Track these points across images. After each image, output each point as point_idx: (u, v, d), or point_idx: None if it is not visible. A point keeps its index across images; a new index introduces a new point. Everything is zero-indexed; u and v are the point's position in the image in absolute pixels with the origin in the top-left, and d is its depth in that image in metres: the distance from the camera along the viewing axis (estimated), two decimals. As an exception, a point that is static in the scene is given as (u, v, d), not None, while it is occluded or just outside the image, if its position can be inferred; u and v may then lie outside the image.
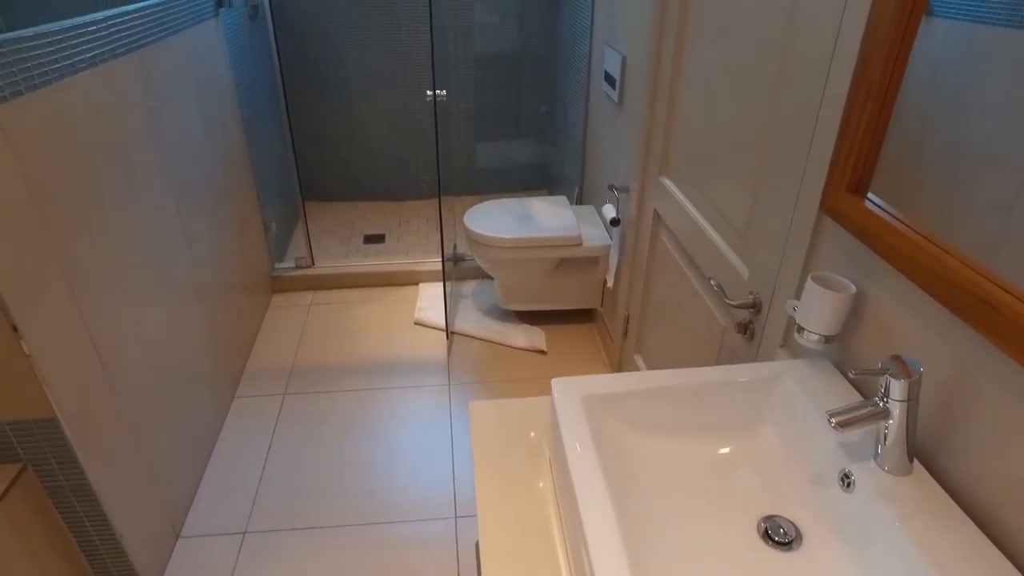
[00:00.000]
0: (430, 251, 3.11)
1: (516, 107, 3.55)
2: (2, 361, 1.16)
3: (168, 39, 1.83)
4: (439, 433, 2.09)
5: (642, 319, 2.03)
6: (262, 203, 2.69)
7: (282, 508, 1.83)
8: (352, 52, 3.29)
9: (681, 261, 1.66)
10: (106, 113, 1.47)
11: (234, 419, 2.15)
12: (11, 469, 1.27)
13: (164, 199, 1.76)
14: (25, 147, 1.17)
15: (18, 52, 1.16)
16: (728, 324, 1.37)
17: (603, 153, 2.41)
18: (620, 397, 0.88)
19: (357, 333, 2.57)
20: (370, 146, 3.55)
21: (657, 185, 1.79)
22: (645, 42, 1.78)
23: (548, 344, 2.50)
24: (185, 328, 1.86)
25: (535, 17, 3.31)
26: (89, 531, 1.43)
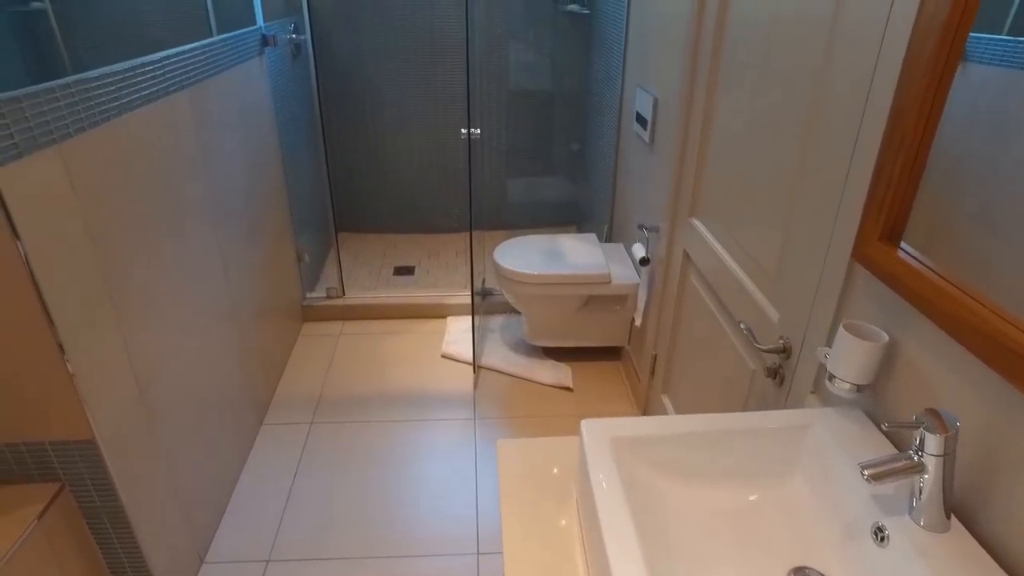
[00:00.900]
0: (459, 284, 3.14)
1: (547, 145, 3.61)
2: (47, 381, 1.20)
3: (217, 76, 1.91)
4: (464, 467, 2.08)
5: (670, 359, 2.03)
6: (296, 233, 2.76)
7: (306, 537, 1.83)
8: (388, 89, 3.38)
9: (710, 302, 1.66)
10: (157, 146, 1.54)
11: (261, 446, 2.17)
12: (51, 488, 1.30)
13: (206, 228, 1.82)
14: (83, 179, 1.23)
15: (85, 92, 1.23)
16: (758, 368, 1.36)
17: (633, 192, 2.44)
18: (649, 441, 0.88)
19: (385, 364, 2.60)
20: (402, 179, 3.63)
21: (687, 226, 1.80)
22: (677, 85, 1.81)
23: (574, 381, 2.49)
24: (218, 355, 1.90)
25: (568, 57, 3.38)
26: (119, 553, 1.45)
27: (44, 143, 1.12)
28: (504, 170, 3.65)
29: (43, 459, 1.29)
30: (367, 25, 3.23)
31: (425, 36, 3.27)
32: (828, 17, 1.05)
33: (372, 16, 3.21)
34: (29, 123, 1.08)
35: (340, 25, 3.22)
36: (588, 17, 3.24)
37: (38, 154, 1.11)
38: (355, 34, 3.25)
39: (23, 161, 1.07)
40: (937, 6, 0.76)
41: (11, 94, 1.05)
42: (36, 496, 1.28)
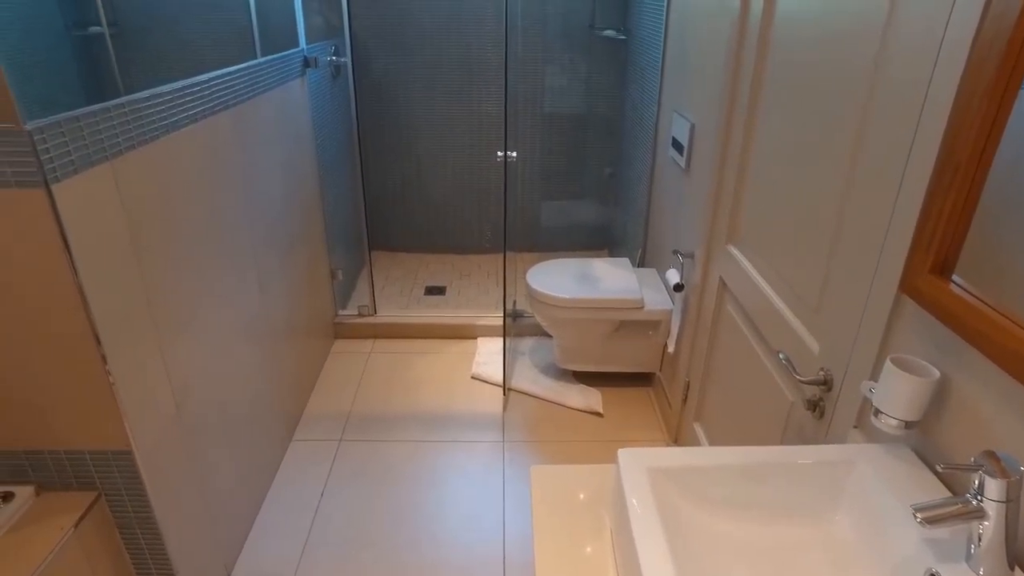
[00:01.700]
0: (489, 306, 3.14)
1: (581, 168, 3.62)
2: (90, 391, 1.22)
3: (260, 96, 1.96)
4: (491, 490, 2.06)
5: (703, 387, 1.99)
6: (330, 251, 2.80)
7: (331, 556, 1.83)
8: (424, 111, 3.44)
9: (747, 331, 1.63)
10: (200, 165, 1.58)
11: (290, 462, 2.18)
12: (88, 496, 1.32)
13: (243, 245, 1.85)
14: (131, 195, 1.27)
15: (136, 111, 1.27)
16: (796, 399, 1.33)
17: (667, 217, 2.42)
18: (686, 471, 0.86)
19: (415, 384, 2.60)
20: (435, 200, 3.66)
21: (723, 253, 1.78)
22: (715, 111, 1.80)
23: (604, 406, 2.46)
24: (251, 370, 1.93)
25: (603, 82, 3.40)
26: (149, 564, 1.46)
27: (98, 160, 1.16)
28: (537, 193, 3.67)
29: (82, 468, 1.31)
30: (405, 48, 3.29)
31: (461, 60, 3.32)
32: (876, 41, 1.03)
33: (410, 40, 3.28)
34: (85, 141, 1.12)
35: (379, 48, 3.29)
36: (624, 42, 3.25)
37: (92, 170, 1.14)
38: (393, 57, 3.31)
39: (78, 177, 1.10)
40: (998, 31, 0.74)
41: (71, 113, 1.09)
42: (74, 504, 1.30)
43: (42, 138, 1.01)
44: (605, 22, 3.26)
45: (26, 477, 1.32)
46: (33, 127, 1.00)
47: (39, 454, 1.30)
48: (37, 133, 1.00)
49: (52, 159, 1.04)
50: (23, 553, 1.20)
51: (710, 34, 1.91)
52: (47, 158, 1.03)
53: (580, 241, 3.79)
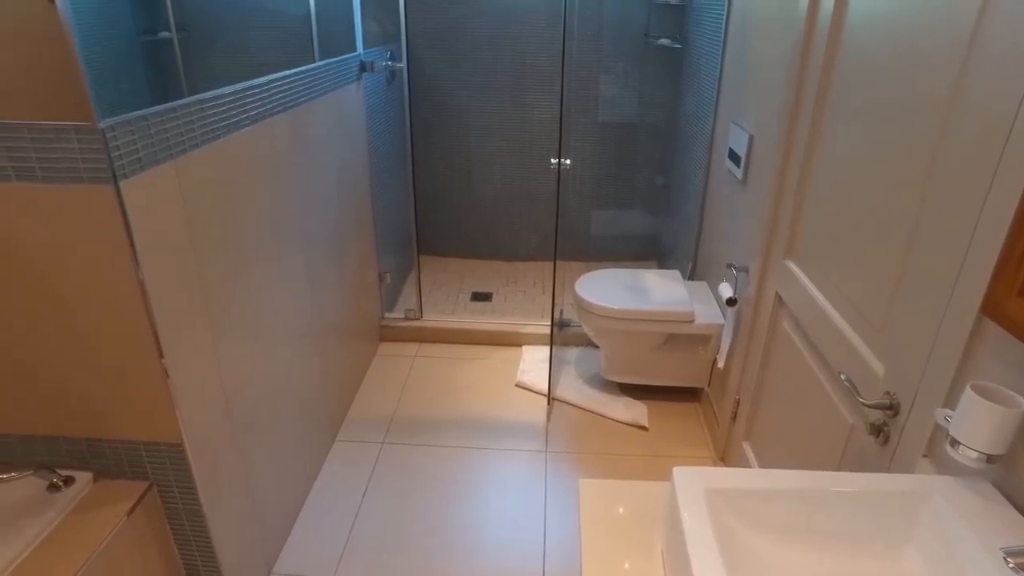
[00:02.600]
0: (535, 313, 3.12)
1: (632, 178, 3.58)
2: (147, 384, 1.25)
3: (317, 99, 1.99)
4: (533, 501, 2.04)
5: (754, 405, 1.93)
6: (379, 254, 2.83)
7: (370, 559, 1.83)
8: (476, 117, 3.45)
9: (804, 349, 1.57)
10: (259, 165, 1.60)
11: (333, 462, 2.20)
12: (140, 486, 1.35)
13: (296, 246, 1.88)
14: (192, 193, 1.30)
15: (200, 111, 1.30)
16: (857, 423, 1.27)
17: (721, 230, 2.36)
18: (746, 494, 0.83)
19: (458, 389, 2.60)
20: (484, 206, 3.67)
21: (781, 268, 1.72)
22: (776, 122, 1.75)
23: (650, 420, 2.41)
24: (299, 369, 1.95)
25: (657, 91, 3.35)
26: (195, 555, 1.49)
27: (163, 158, 1.19)
28: (587, 201, 3.64)
29: (136, 458, 1.34)
30: (459, 55, 3.32)
31: (515, 67, 3.33)
32: (960, 49, 0.98)
33: (464, 46, 3.30)
34: (152, 139, 1.15)
35: (434, 54, 3.32)
36: (680, 51, 3.20)
37: (157, 168, 1.17)
38: (447, 63, 3.34)
39: (144, 174, 1.13)
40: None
41: (140, 113, 1.12)
42: (127, 492, 1.33)
43: (113, 136, 1.04)
44: (661, 31, 3.22)
45: (85, 464, 1.36)
46: (106, 125, 1.03)
47: (98, 442, 1.33)
48: (109, 131, 1.03)
49: (121, 156, 1.07)
50: (81, 536, 1.23)
51: (773, 44, 1.86)
52: (117, 155, 1.05)
53: (628, 251, 3.74)
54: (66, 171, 1.05)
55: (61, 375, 1.25)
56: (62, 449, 1.34)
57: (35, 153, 1.04)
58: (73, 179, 1.06)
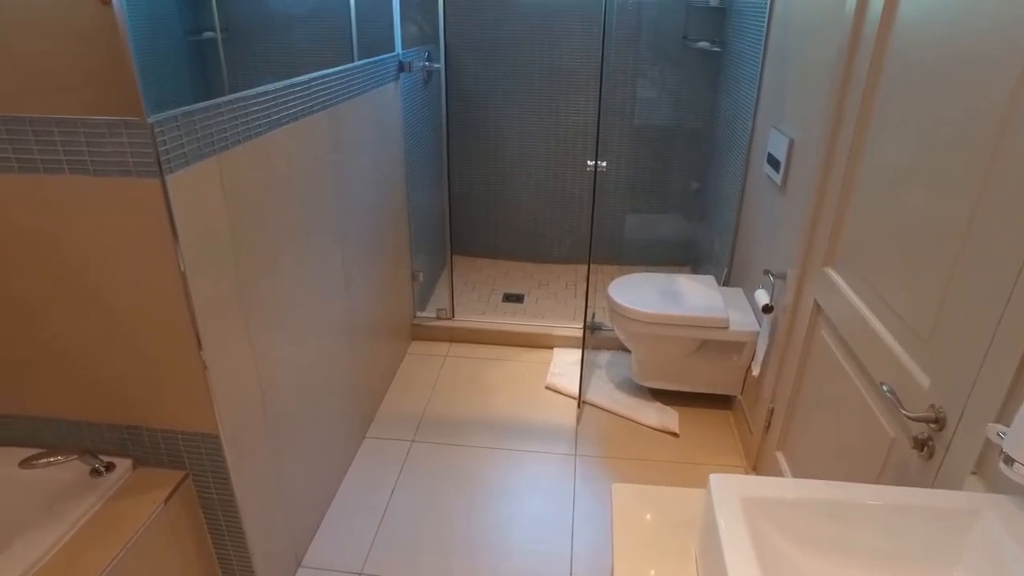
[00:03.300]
0: (567, 316, 3.11)
1: (667, 182, 3.54)
2: (186, 375, 1.27)
3: (355, 98, 2.01)
4: (561, 504, 2.03)
5: (789, 414, 1.89)
6: (413, 253, 2.84)
7: (397, 555, 1.84)
8: (512, 119, 3.45)
9: (842, 359, 1.53)
10: (298, 162, 1.63)
11: (362, 459, 2.22)
12: (177, 475, 1.38)
13: (332, 242, 1.90)
14: (233, 188, 1.32)
15: (244, 108, 1.32)
16: (899, 436, 1.23)
17: (758, 236, 2.32)
18: (784, 504, 0.81)
19: (488, 390, 2.60)
20: (518, 207, 3.67)
21: (820, 275, 1.68)
22: (819, 127, 1.71)
23: (681, 427, 2.38)
24: (332, 365, 1.97)
25: (694, 95, 3.32)
26: (227, 544, 1.51)
27: (206, 153, 1.21)
28: (621, 205, 3.62)
29: (174, 447, 1.37)
30: (495, 56, 3.33)
31: (552, 69, 3.32)
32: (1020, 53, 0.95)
33: (501, 48, 3.31)
34: (197, 135, 1.17)
35: (471, 55, 3.34)
36: (719, 55, 3.16)
37: (201, 163, 1.19)
38: (483, 64, 3.35)
39: (188, 169, 1.15)
40: None
41: (186, 109, 1.14)
42: (164, 480, 1.36)
43: (161, 131, 1.07)
44: (699, 34, 3.19)
45: (126, 451, 1.39)
46: (154, 120, 1.05)
47: (138, 430, 1.36)
48: (158, 126, 1.06)
49: (168, 151, 1.09)
50: (120, 521, 1.26)
51: (817, 47, 1.82)
52: (164, 150, 1.08)
53: (662, 256, 3.70)
54: (116, 164, 1.08)
55: (106, 363, 1.29)
56: (105, 436, 1.38)
57: (88, 147, 1.07)
58: (122, 172, 1.08)
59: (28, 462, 1.24)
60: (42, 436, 1.40)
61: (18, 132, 1.08)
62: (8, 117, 1.07)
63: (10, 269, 1.21)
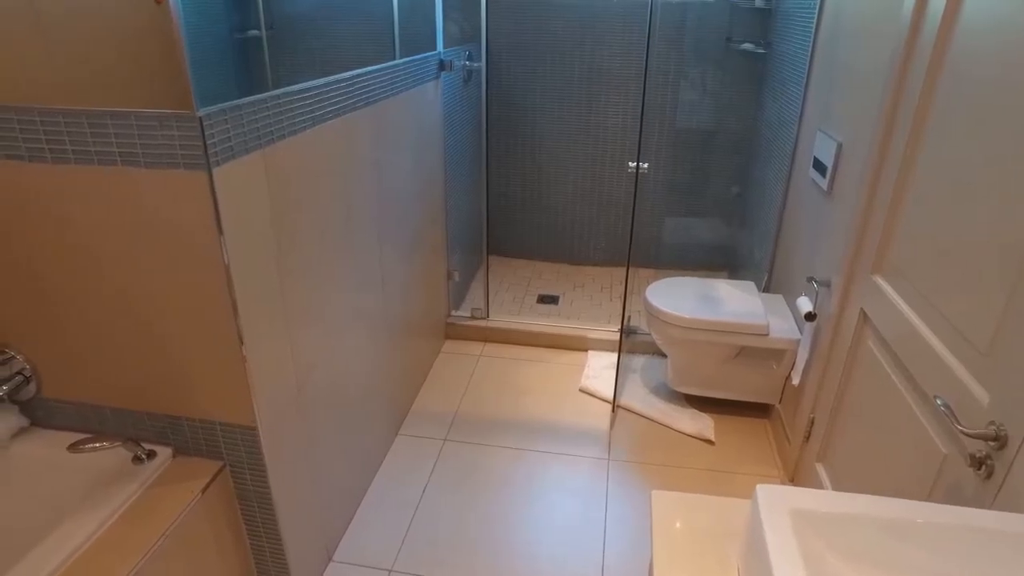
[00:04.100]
0: (602, 319, 3.08)
1: (706, 185, 3.49)
2: (226, 367, 1.29)
3: (397, 96, 2.02)
4: (593, 509, 2.00)
5: (830, 425, 1.84)
6: (449, 252, 2.85)
7: (428, 554, 1.84)
8: (551, 120, 3.44)
9: (891, 370, 1.48)
10: (340, 158, 1.64)
11: (394, 456, 2.22)
12: (215, 465, 1.39)
13: (371, 239, 1.90)
14: (277, 183, 1.33)
15: (289, 103, 1.34)
16: (953, 453, 1.18)
17: (800, 242, 2.27)
18: (836, 519, 0.78)
19: (521, 391, 2.59)
20: (554, 208, 3.65)
21: (867, 283, 1.63)
22: (870, 130, 1.66)
23: (716, 434, 2.34)
24: (367, 360, 1.98)
25: (736, 97, 3.26)
26: (261, 536, 1.52)
27: (252, 147, 1.22)
28: (659, 208, 3.57)
29: (212, 438, 1.39)
30: (536, 56, 3.32)
31: (592, 69, 3.30)
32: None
33: (542, 48, 3.30)
34: (243, 128, 1.18)
35: (511, 55, 3.33)
36: (763, 56, 3.11)
37: (246, 157, 1.21)
38: (524, 64, 3.34)
39: (234, 162, 1.17)
40: None
41: (234, 103, 1.15)
42: (203, 470, 1.38)
43: (210, 124, 1.08)
44: (743, 35, 3.13)
45: (166, 439, 1.41)
46: (203, 114, 1.06)
47: (178, 420, 1.38)
48: (206, 119, 1.07)
49: (216, 144, 1.10)
50: (160, 509, 1.28)
51: (869, 48, 1.77)
52: (211, 143, 1.09)
53: (699, 260, 3.65)
54: (165, 157, 1.09)
55: (150, 353, 1.31)
56: (147, 424, 1.40)
57: (139, 139, 1.09)
58: (171, 164, 1.10)
59: (76, 446, 1.27)
60: (89, 422, 1.43)
61: (75, 124, 1.10)
62: (67, 110, 1.09)
63: (65, 258, 1.24)
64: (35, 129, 1.12)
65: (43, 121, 1.11)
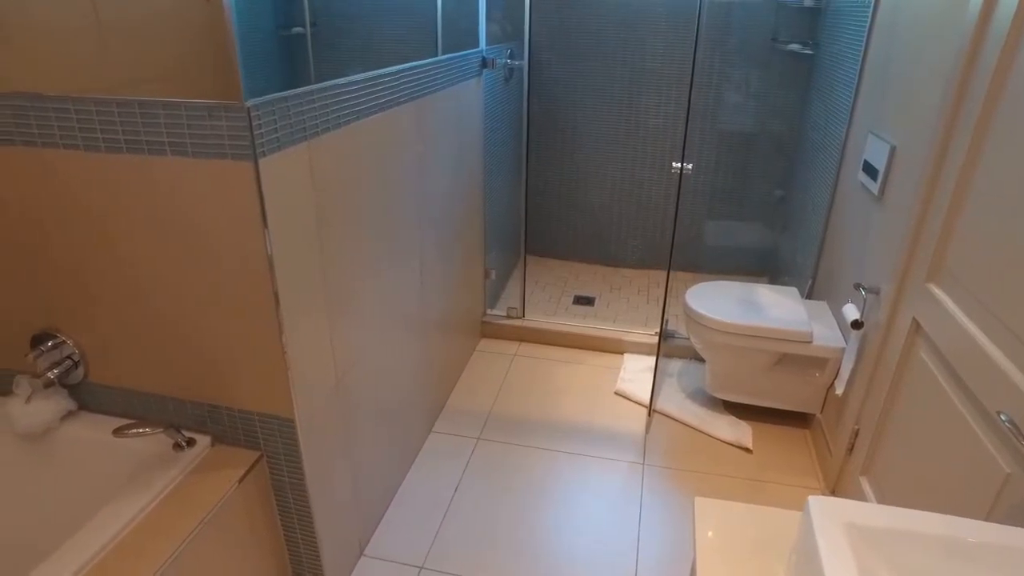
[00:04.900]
0: (638, 322, 3.04)
1: (748, 189, 3.42)
2: (266, 358, 1.30)
3: (439, 92, 2.01)
4: (627, 513, 1.97)
5: (876, 438, 1.78)
6: (486, 250, 2.84)
7: (459, 553, 1.83)
8: (591, 119, 3.41)
9: (946, 383, 1.42)
10: (383, 153, 1.64)
11: (427, 453, 2.22)
12: (252, 455, 1.40)
13: (411, 235, 1.90)
14: (321, 175, 1.33)
15: (335, 96, 1.34)
16: (1016, 472, 1.13)
17: (847, 248, 2.20)
18: (894, 535, 0.74)
19: (556, 392, 2.56)
20: (592, 209, 3.62)
21: (921, 291, 1.57)
22: (927, 132, 1.60)
23: (754, 442, 2.28)
24: (403, 356, 1.98)
25: (782, 99, 3.19)
26: (295, 528, 1.53)
27: (298, 139, 1.23)
28: (700, 211, 3.51)
29: (250, 428, 1.40)
30: (577, 56, 3.29)
31: (634, 70, 3.27)
32: None
33: (583, 47, 3.27)
34: (290, 120, 1.19)
35: (553, 54, 3.31)
36: (811, 57, 3.03)
37: (292, 149, 1.21)
38: (566, 64, 3.32)
39: (280, 154, 1.17)
40: None
41: (281, 94, 1.16)
42: (241, 460, 1.39)
43: (257, 115, 1.08)
44: (790, 35, 3.06)
45: (206, 428, 1.43)
46: (251, 104, 1.07)
47: (218, 409, 1.40)
48: (254, 110, 1.07)
49: (263, 135, 1.11)
50: (199, 496, 1.29)
51: (930, 47, 1.70)
52: (259, 133, 1.09)
53: (739, 265, 3.58)
54: (213, 147, 1.10)
55: (193, 342, 1.32)
56: (187, 412, 1.42)
57: (188, 129, 1.10)
58: (218, 155, 1.11)
59: (120, 431, 1.29)
60: (132, 408, 1.45)
61: (127, 115, 1.12)
62: (120, 100, 1.11)
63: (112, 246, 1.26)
64: (90, 119, 1.14)
65: (98, 111, 1.13)
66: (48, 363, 1.39)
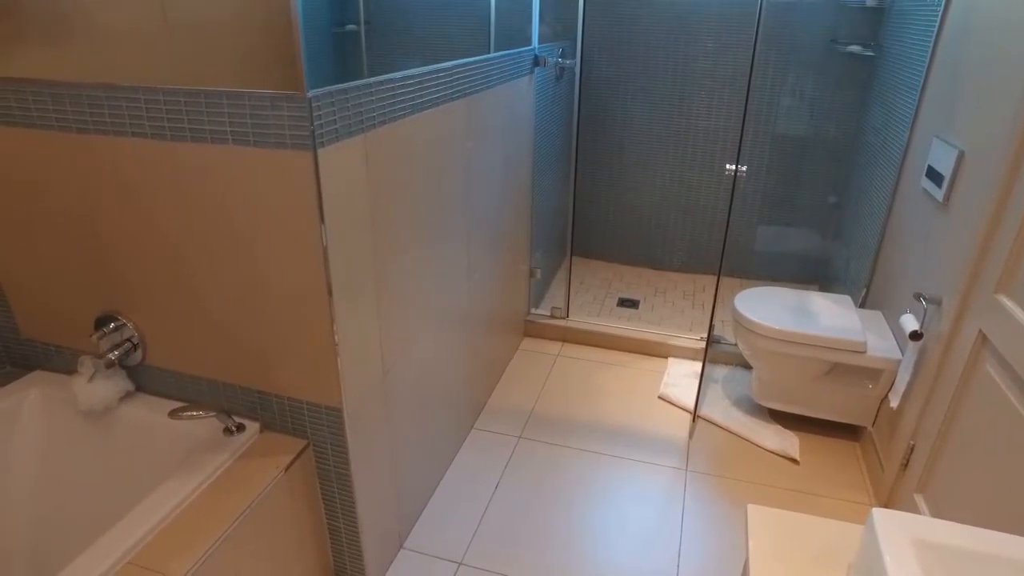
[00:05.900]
0: (683, 326, 3.00)
1: (800, 194, 3.33)
2: (317, 348, 1.31)
3: (491, 89, 2.01)
4: (669, 519, 1.94)
5: (934, 454, 1.70)
6: (532, 249, 2.83)
7: (498, 550, 1.82)
8: (641, 120, 3.37)
9: (1015, 399, 1.35)
10: (434, 147, 1.64)
11: (469, 449, 2.22)
12: (299, 443, 1.43)
13: (460, 231, 1.91)
14: (376, 167, 1.34)
15: (392, 89, 1.35)
16: (1090, 494, 1.07)
17: (907, 256, 2.12)
18: (965, 555, 0.71)
19: (599, 394, 2.54)
20: (639, 211, 3.58)
21: (989, 302, 1.50)
22: (1003, 137, 1.53)
23: (802, 454, 2.22)
24: (449, 353, 1.98)
25: (840, 102, 3.10)
26: (339, 517, 1.55)
27: (355, 131, 1.24)
28: (750, 215, 3.44)
29: (298, 416, 1.42)
30: (629, 56, 3.26)
31: (686, 71, 3.22)
32: None
33: (635, 48, 3.24)
34: (348, 112, 1.20)
35: (604, 54, 3.29)
36: (872, 59, 2.93)
37: (349, 140, 1.22)
38: (617, 64, 3.29)
39: (338, 145, 1.18)
40: None
41: (340, 86, 1.17)
42: (288, 447, 1.41)
43: (318, 105, 1.10)
44: (850, 37, 2.97)
45: (254, 414, 1.45)
46: (313, 95, 1.08)
47: (267, 396, 1.42)
48: (315, 101, 1.09)
49: (322, 125, 1.12)
50: (247, 480, 1.32)
51: (1007, 50, 1.63)
52: (318, 124, 1.11)
53: (788, 271, 3.49)
54: (274, 136, 1.12)
55: (247, 329, 1.35)
56: (238, 397, 1.45)
57: (250, 119, 1.12)
58: (278, 144, 1.12)
59: (175, 413, 1.32)
60: (186, 391, 1.49)
61: (193, 104, 1.14)
62: (187, 90, 1.14)
63: (172, 232, 1.29)
64: (158, 108, 1.17)
65: (166, 100, 1.16)
66: (110, 344, 1.44)
